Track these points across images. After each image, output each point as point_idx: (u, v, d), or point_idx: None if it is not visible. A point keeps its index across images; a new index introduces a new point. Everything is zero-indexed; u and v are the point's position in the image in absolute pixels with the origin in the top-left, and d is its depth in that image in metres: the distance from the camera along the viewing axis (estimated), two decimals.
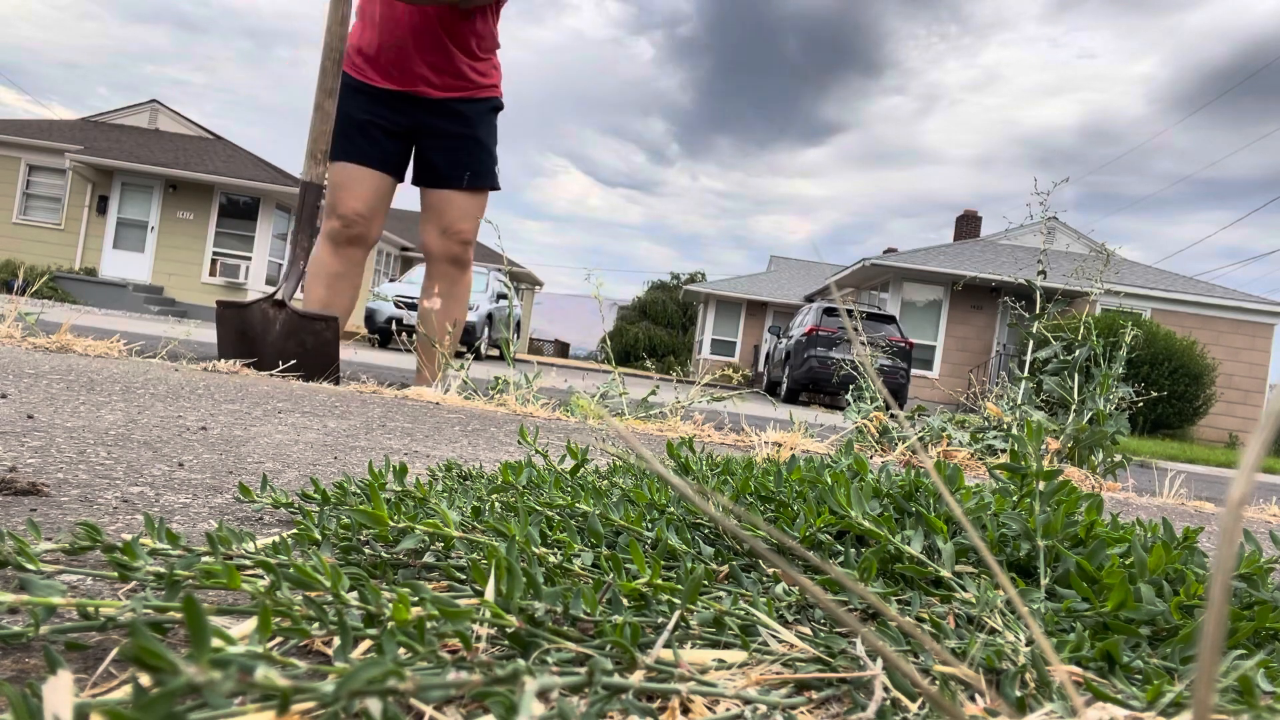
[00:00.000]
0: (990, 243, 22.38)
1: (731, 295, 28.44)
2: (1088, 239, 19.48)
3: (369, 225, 3.31)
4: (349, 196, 3.25)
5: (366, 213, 3.29)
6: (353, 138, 3.26)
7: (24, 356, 2.51)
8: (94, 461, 1.14)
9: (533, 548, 0.69)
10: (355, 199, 3.26)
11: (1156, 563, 0.71)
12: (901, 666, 0.31)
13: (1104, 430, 3.07)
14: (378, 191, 3.32)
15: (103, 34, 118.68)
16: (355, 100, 3.26)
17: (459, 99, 3.34)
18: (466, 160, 3.37)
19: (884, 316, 14.75)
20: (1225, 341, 18.85)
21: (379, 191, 3.33)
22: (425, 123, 3.33)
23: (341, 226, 3.26)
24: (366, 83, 3.28)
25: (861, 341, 6.90)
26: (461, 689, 0.38)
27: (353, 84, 3.28)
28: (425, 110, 3.32)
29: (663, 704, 0.48)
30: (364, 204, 3.27)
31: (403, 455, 1.60)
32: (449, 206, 3.39)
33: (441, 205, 3.40)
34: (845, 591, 0.71)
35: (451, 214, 3.39)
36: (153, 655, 0.32)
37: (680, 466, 1.14)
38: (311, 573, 0.54)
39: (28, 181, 19.78)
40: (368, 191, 3.29)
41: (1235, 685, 0.50)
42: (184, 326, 8.25)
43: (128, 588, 0.63)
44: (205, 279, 19.50)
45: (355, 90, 3.26)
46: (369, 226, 3.31)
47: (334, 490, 0.89)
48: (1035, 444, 0.85)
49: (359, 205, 3.26)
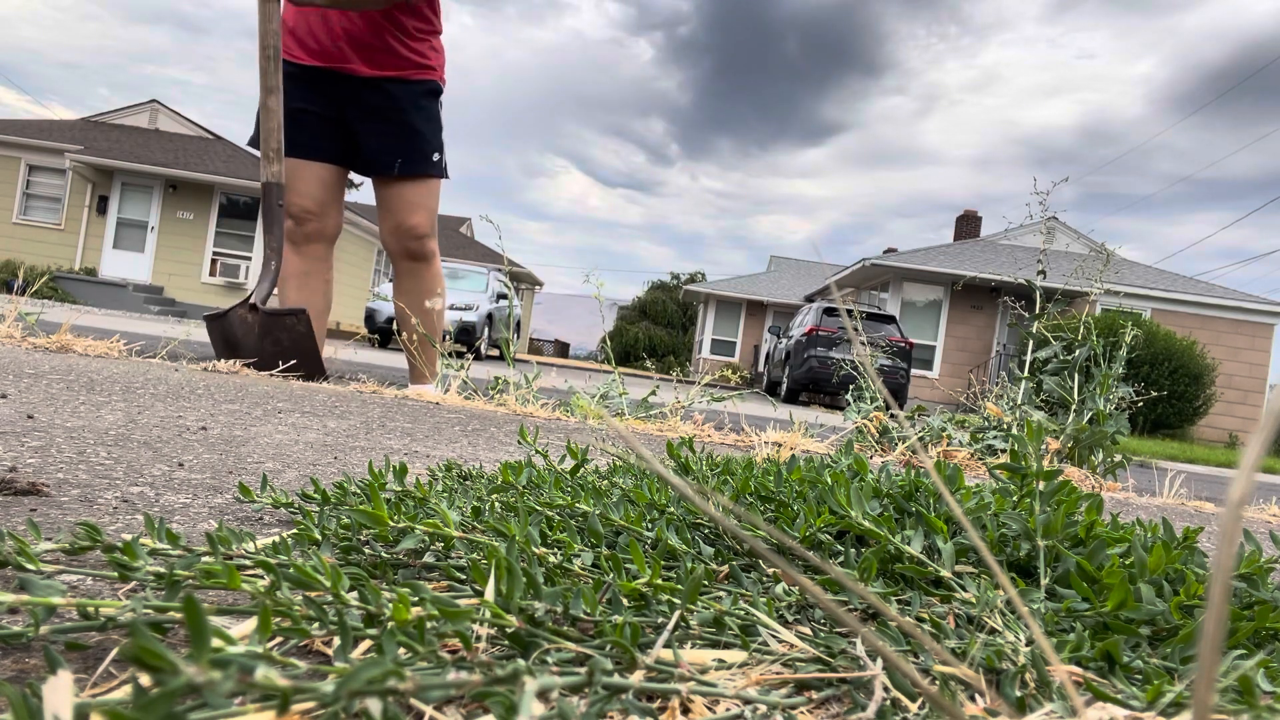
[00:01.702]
0: (990, 243, 22.38)
1: (731, 295, 28.45)
2: (1087, 239, 19.48)
3: (322, 220, 3.23)
4: (294, 193, 3.17)
5: (315, 208, 3.21)
6: (289, 130, 3.15)
7: (24, 356, 2.51)
8: (94, 461, 1.14)
9: (533, 548, 0.69)
10: (300, 195, 3.18)
11: (1156, 563, 0.71)
12: (901, 666, 0.31)
13: (1104, 430, 3.07)
14: (323, 183, 3.23)
15: (104, 34, 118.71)
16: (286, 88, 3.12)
17: (390, 78, 3.19)
18: (398, 146, 3.22)
19: (884, 316, 14.75)
20: (1225, 341, 18.85)
21: (324, 183, 3.23)
22: (356, 104, 3.20)
23: (294, 225, 3.20)
24: (293, 61, 3.15)
25: (861, 341, 6.90)
26: (461, 689, 0.38)
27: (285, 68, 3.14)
28: (354, 89, 3.19)
29: (663, 704, 0.48)
30: (310, 199, 3.20)
31: (403, 455, 1.60)
32: (394, 199, 3.28)
33: (388, 198, 3.29)
34: (845, 591, 0.71)
35: (398, 207, 3.27)
36: (153, 655, 0.32)
37: (680, 466, 1.14)
38: (311, 573, 0.54)
39: (28, 181, 19.78)
40: (312, 185, 3.20)
41: (1235, 685, 0.50)
42: (184, 326, 8.25)
43: (128, 588, 0.63)
44: (205, 279, 19.50)
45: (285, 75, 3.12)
46: (323, 221, 3.24)
47: (334, 490, 0.89)
48: (1035, 444, 0.85)
49: (305, 201, 3.19)
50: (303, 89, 3.16)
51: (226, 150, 21.08)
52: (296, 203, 3.18)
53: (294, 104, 3.15)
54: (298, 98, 3.16)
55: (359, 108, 3.21)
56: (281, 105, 3.05)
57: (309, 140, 3.19)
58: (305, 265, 3.25)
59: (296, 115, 3.16)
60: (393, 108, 3.21)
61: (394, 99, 3.20)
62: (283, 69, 3.11)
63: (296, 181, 3.18)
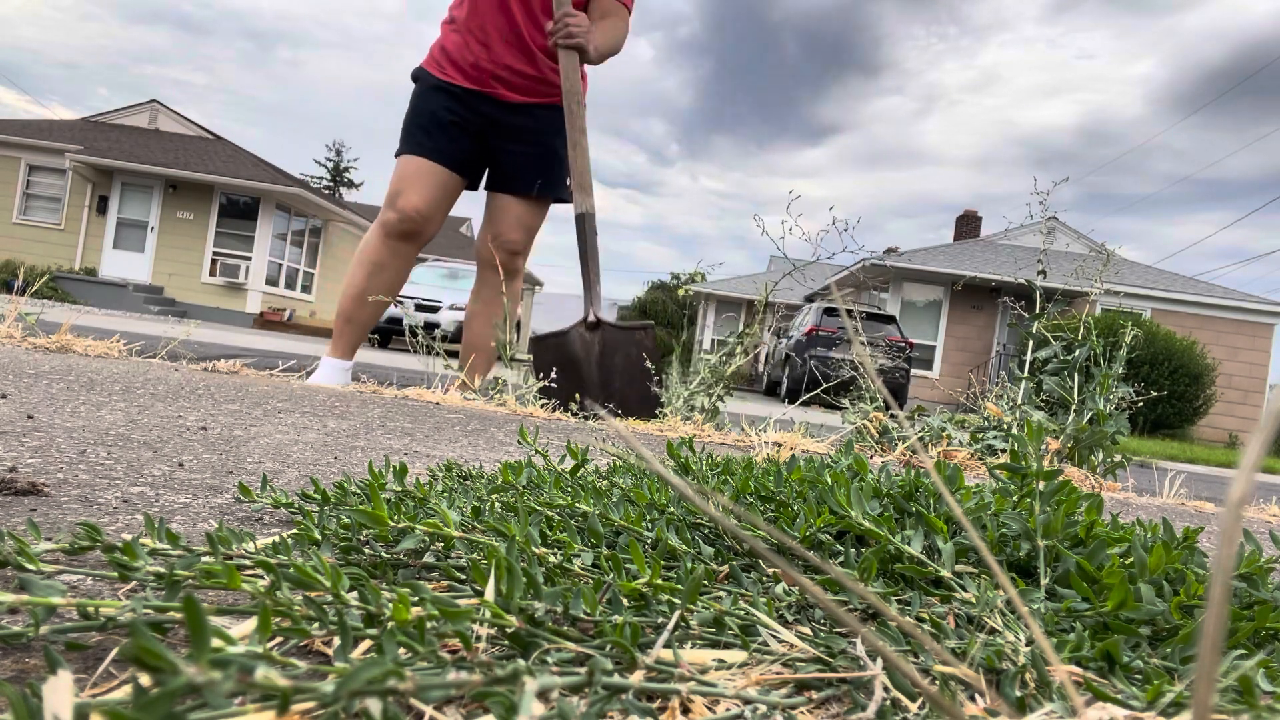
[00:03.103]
0: (990, 243, 22.38)
1: (731, 295, 28.45)
2: (1087, 239, 19.49)
3: (426, 223, 3.24)
4: (412, 193, 3.19)
5: (426, 211, 3.22)
6: (429, 132, 3.21)
7: (24, 356, 2.51)
8: (94, 461, 1.14)
9: (533, 548, 0.69)
10: (418, 196, 3.19)
11: (1156, 563, 0.71)
12: (901, 666, 0.31)
13: (1104, 430, 3.07)
14: (444, 189, 3.25)
15: (104, 35, 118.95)
16: (434, 98, 3.23)
17: (538, 104, 3.29)
18: (540, 168, 3.33)
19: (884, 316, 14.75)
20: (1225, 341, 18.85)
21: (445, 189, 3.26)
22: (503, 125, 3.28)
23: (396, 220, 3.20)
24: (447, 81, 3.24)
25: (861, 341, 6.90)
26: (461, 689, 0.38)
27: (434, 82, 3.25)
28: (504, 112, 3.27)
29: (663, 704, 0.48)
30: (425, 202, 3.20)
31: (403, 455, 1.60)
32: (504, 213, 3.35)
33: (498, 211, 3.36)
34: (845, 591, 0.71)
35: (510, 222, 3.35)
36: (153, 655, 0.32)
37: (680, 466, 1.14)
38: (311, 573, 0.54)
39: (28, 181, 19.79)
40: (432, 189, 3.22)
41: (1235, 685, 0.50)
42: (184, 326, 8.24)
43: (128, 588, 0.63)
44: (205, 279, 19.51)
45: (435, 89, 3.24)
46: (426, 225, 3.25)
47: (334, 490, 0.89)
48: (1035, 444, 0.85)
49: (419, 203, 3.19)
50: (453, 103, 3.24)
51: (227, 150, 21.09)
52: (411, 201, 3.18)
53: (439, 111, 3.22)
54: (445, 108, 3.23)
55: (505, 129, 3.29)
56: (587, 144, 3.16)
57: (444, 145, 3.23)
58: (384, 258, 3.24)
59: (439, 119, 3.22)
60: (538, 130, 3.30)
61: (540, 123, 3.30)
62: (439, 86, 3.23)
63: (417, 180, 3.20)
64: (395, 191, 3.21)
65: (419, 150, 3.22)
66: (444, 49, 3.29)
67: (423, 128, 3.23)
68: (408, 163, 3.22)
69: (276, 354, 5.91)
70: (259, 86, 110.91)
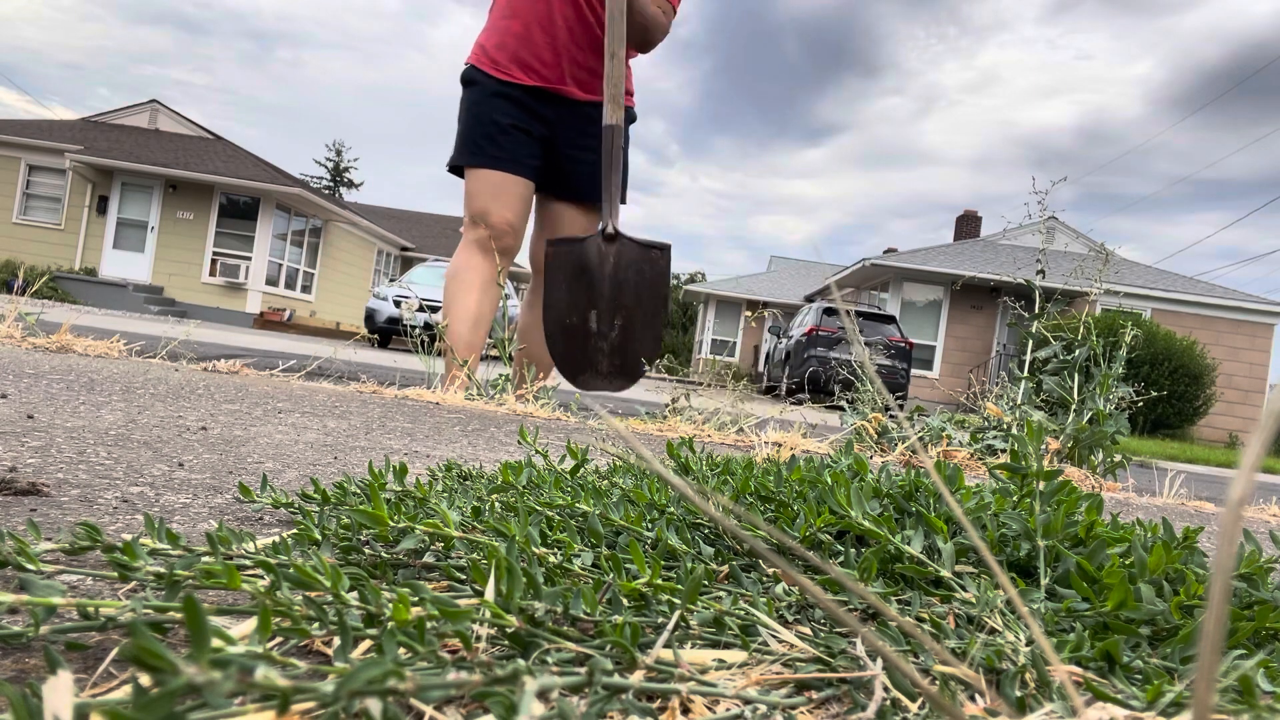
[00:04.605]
0: (990, 243, 22.39)
1: (731, 295, 28.47)
2: (1087, 239, 19.49)
3: (517, 236, 3.18)
4: (501, 207, 3.11)
5: (518, 224, 3.15)
6: (501, 143, 3.11)
7: (24, 356, 2.51)
8: (94, 461, 1.14)
9: (533, 548, 0.69)
10: (508, 209, 3.11)
11: (1156, 563, 0.71)
12: (901, 666, 0.31)
13: (1104, 430, 3.07)
14: (524, 201, 3.18)
15: (104, 35, 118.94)
16: (498, 103, 3.11)
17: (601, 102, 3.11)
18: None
19: (884, 316, 14.76)
20: (1225, 341, 18.86)
21: (525, 201, 3.19)
22: (568, 127, 3.18)
23: (492, 237, 3.12)
24: (509, 80, 3.11)
25: (861, 342, 6.90)
26: (461, 689, 0.38)
27: (494, 85, 3.12)
28: (569, 112, 3.17)
29: (663, 704, 0.48)
30: (515, 214, 3.14)
31: (403, 455, 1.60)
32: (566, 222, 3.26)
33: (558, 218, 3.28)
34: (845, 591, 0.71)
35: (570, 230, 3.25)
36: (153, 655, 0.32)
37: (680, 466, 1.14)
38: (311, 573, 0.54)
39: (28, 181, 19.80)
40: (517, 201, 3.15)
41: (1235, 685, 0.50)
42: (184, 326, 8.25)
43: (128, 588, 0.63)
44: (205, 279, 19.51)
45: (497, 93, 3.11)
46: (517, 238, 3.18)
47: (334, 490, 0.89)
48: (1035, 444, 0.85)
49: (510, 216, 3.12)
50: (518, 108, 3.14)
51: (227, 150, 21.09)
52: (504, 215, 3.11)
53: (507, 119, 3.12)
54: (512, 115, 3.12)
55: (571, 132, 3.19)
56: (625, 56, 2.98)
57: (521, 157, 3.14)
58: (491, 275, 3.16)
59: (510, 130, 3.12)
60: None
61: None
62: (501, 90, 3.11)
63: (503, 194, 3.12)
64: (482, 210, 3.11)
65: (493, 164, 3.11)
66: (501, 44, 3.13)
67: (489, 137, 3.11)
68: (485, 177, 3.11)
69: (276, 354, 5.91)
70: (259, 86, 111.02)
